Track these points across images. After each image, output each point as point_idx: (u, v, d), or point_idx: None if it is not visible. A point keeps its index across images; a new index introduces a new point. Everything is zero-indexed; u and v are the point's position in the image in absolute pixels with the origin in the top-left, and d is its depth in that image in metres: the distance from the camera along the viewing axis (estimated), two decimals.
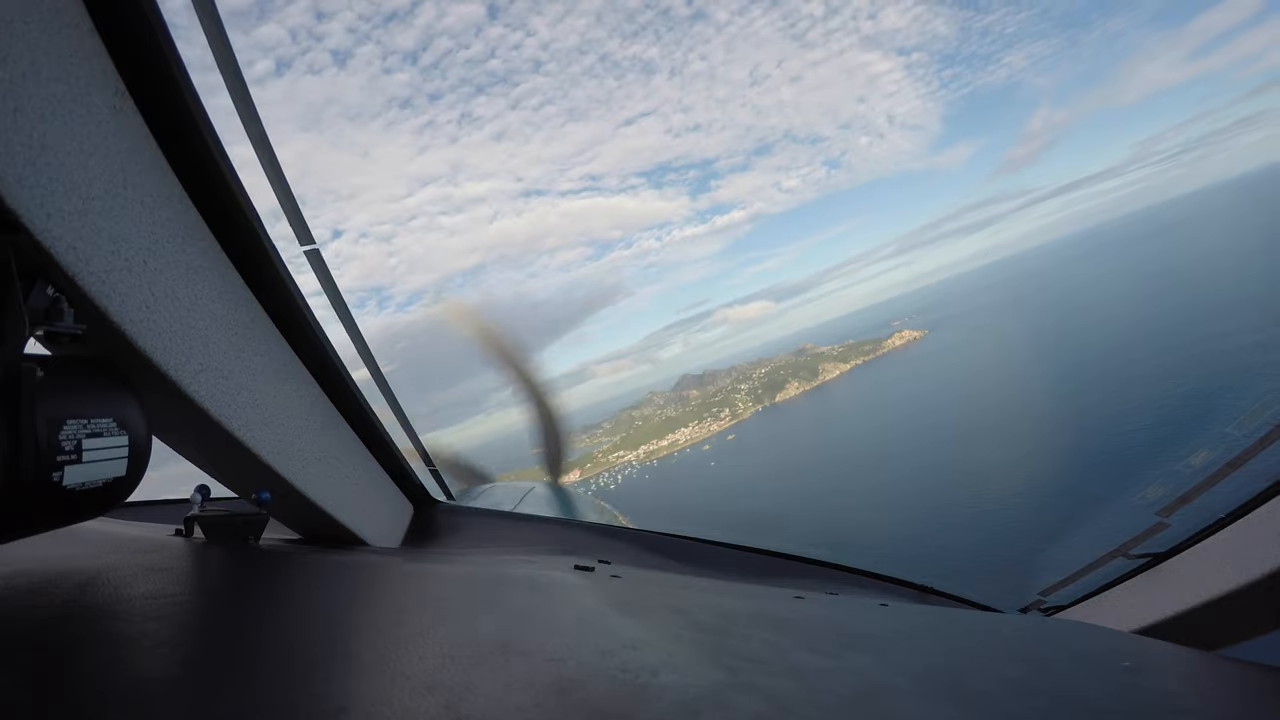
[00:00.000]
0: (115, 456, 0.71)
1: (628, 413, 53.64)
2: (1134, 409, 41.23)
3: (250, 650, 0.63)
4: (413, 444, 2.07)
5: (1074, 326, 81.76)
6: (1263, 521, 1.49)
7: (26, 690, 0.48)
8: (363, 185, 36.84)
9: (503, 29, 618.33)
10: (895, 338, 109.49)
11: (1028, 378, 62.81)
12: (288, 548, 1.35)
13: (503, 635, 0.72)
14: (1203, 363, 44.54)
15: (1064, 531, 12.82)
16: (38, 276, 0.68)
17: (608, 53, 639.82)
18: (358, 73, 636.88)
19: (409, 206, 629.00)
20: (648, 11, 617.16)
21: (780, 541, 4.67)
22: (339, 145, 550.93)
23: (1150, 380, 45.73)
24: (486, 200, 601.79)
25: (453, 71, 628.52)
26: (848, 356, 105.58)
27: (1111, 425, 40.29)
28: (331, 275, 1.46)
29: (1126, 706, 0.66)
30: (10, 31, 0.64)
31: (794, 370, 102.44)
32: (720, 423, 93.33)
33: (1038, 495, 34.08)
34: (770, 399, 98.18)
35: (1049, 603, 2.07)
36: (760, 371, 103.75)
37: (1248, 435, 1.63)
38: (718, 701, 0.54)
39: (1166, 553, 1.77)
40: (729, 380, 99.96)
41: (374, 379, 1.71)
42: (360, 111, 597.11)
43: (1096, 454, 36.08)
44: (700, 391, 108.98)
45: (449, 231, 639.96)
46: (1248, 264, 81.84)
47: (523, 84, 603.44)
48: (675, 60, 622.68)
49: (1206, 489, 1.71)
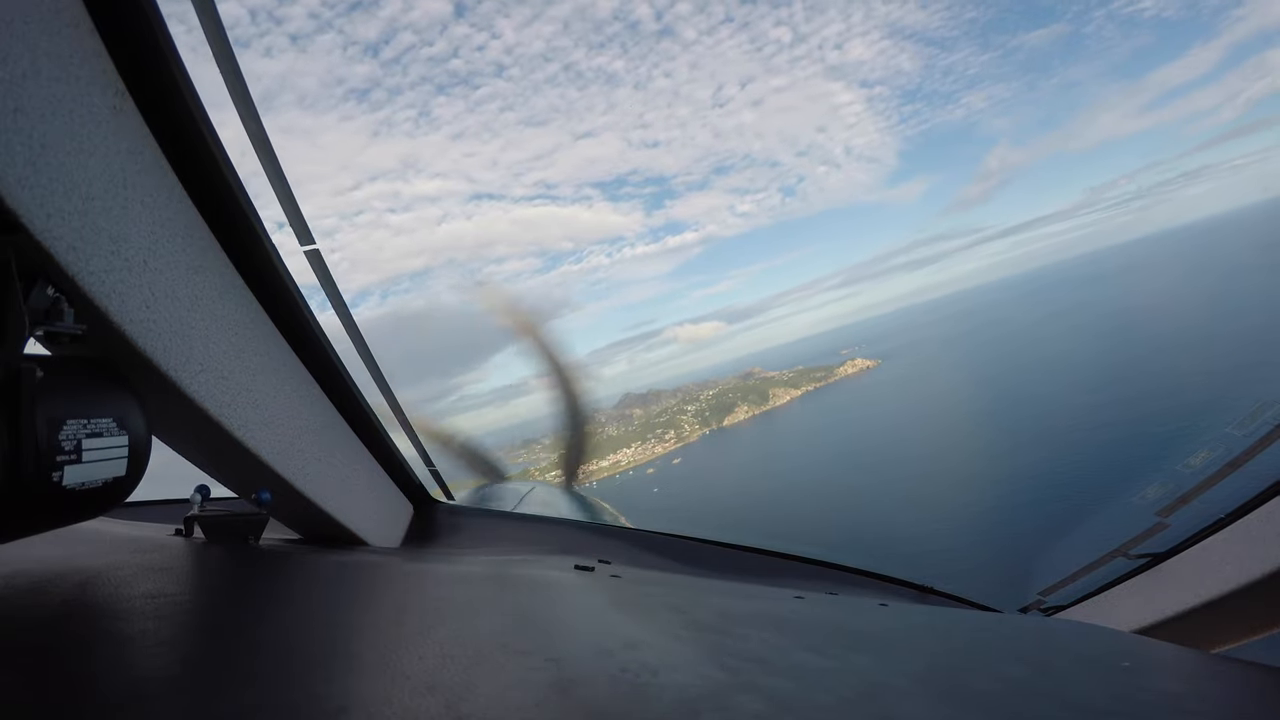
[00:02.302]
0: (115, 456, 0.71)
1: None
2: (1084, 442, 41.37)
3: (250, 650, 0.63)
4: (413, 444, 2.07)
5: (1026, 361, 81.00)
6: (1263, 521, 1.49)
7: (27, 690, 0.48)
8: (307, 174, 35.37)
9: (468, 29, 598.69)
10: (848, 365, 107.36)
11: (988, 410, 61.96)
12: (288, 548, 1.35)
13: (503, 635, 0.72)
14: (1153, 397, 44.83)
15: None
16: (38, 276, 0.68)
17: (573, 62, 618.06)
18: (317, 59, 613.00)
19: (355, 200, 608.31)
20: (616, 23, 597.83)
21: (780, 541, 4.65)
22: (285, 129, 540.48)
23: (1107, 411, 45.91)
24: (437, 200, 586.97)
25: (414, 68, 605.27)
26: (799, 382, 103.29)
27: (1065, 457, 40.33)
28: (331, 275, 1.46)
29: (1126, 706, 0.66)
30: (10, 31, 0.64)
31: (743, 394, 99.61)
32: (665, 444, 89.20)
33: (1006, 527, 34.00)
34: (718, 422, 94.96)
35: (1049, 603, 2.07)
36: (708, 393, 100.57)
37: (1248, 435, 1.63)
38: (718, 701, 0.54)
39: (1166, 553, 1.77)
40: (674, 401, 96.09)
41: (374, 379, 1.71)
42: (314, 100, 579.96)
43: (1060, 485, 36.04)
44: (644, 411, 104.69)
45: (395, 230, 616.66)
46: (1192, 308, 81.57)
47: (484, 86, 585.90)
48: (640, 75, 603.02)
49: (1206, 489, 1.71)
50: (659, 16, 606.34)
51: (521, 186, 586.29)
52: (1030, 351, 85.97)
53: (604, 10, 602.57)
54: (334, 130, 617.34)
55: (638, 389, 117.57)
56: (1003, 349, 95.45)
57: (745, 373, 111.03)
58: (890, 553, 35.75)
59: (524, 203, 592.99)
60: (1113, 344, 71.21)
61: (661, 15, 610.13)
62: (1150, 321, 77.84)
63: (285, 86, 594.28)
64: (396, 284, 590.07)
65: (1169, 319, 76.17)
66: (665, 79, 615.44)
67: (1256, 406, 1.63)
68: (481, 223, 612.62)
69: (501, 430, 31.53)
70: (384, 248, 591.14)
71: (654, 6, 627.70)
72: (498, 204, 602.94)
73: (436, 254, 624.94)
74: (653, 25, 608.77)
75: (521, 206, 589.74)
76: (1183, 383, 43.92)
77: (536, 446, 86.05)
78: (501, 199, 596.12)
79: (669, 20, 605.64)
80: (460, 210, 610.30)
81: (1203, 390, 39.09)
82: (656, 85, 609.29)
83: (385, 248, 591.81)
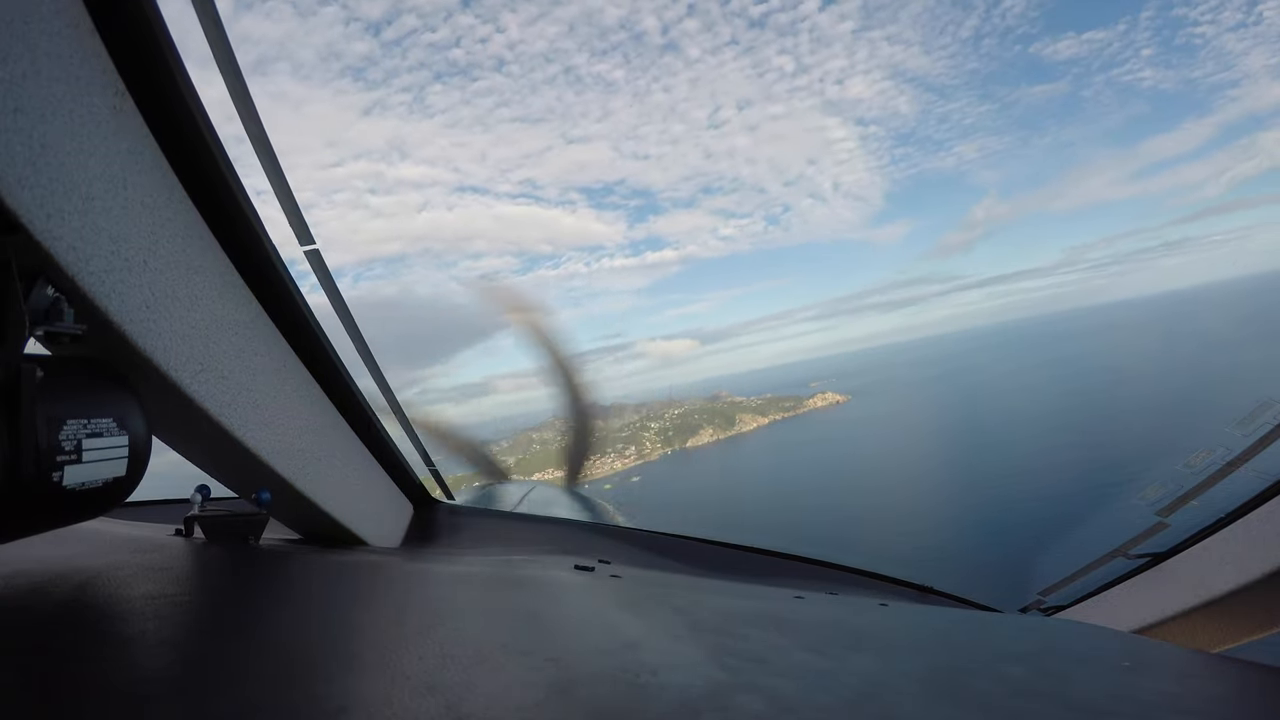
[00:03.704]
0: (115, 456, 0.71)
1: (528, 434, 49.01)
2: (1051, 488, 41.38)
3: (250, 650, 0.63)
4: (413, 444, 2.07)
5: (997, 409, 79.82)
6: (1263, 521, 1.50)
7: (27, 690, 0.48)
8: (290, 144, 34.22)
9: (473, 19, 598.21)
10: (817, 398, 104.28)
11: (958, 461, 60.78)
12: (288, 548, 1.35)
13: (503, 635, 0.72)
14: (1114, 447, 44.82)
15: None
16: (38, 276, 0.68)
17: (573, 65, 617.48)
18: (317, 30, 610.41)
19: (336, 177, 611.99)
20: (621, 32, 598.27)
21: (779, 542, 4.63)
22: (275, 95, 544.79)
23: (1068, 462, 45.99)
24: (420, 187, 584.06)
25: (414, 53, 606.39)
26: (766, 410, 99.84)
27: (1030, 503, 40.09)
28: (332, 275, 1.46)
29: (1126, 706, 0.66)
30: (10, 31, 0.64)
31: (709, 416, 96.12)
32: (625, 460, 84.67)
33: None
34: (681, 443, 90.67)
35: (1049, 603, 2.07)
36: (674, 411, 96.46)
37: (1248, 435, 1.63)
38: (718, 701, 0.54)
39: (1166, 553, 1.77)
40: (638, 416, 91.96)
41: (374, 379, 1.71)
42: (309, 72, 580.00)
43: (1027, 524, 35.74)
44: (605, 424, 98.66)
45: (374, 212, 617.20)
46: (1155, 375, 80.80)
47: (482, 80, 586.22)
48: (639, 87, 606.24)
49: (1206, 489, 1.71)
50: (665, 30, 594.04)
51: (507, 183, 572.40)
52: (999, 402, 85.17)
53: (611, 18, 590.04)
54: (324, 103, 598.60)
55: (601, 401, 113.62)
56: (974, 398, 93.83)
57: (712, 395, 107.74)
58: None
59: (507, 199, 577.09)
60: (1078, 402, 71.02)
61: (668, 30, 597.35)
62: (1115, 385, 77.38)
63: (282, 54, 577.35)
64: (370, 268, 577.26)
65: (1135, 384, 75.76)
66: (664, 94, 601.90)
67: (1257, 406, 1.63)
68: (463, 215, 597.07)
69: (436, 425, 31.32)
70: (360, 229, 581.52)
71: (661, 20, 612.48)
72: (481, 198, 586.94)
73: (414, 241, 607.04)
74: (658, 39, 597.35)
75: (504, 203, 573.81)
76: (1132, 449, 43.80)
77: (494, 449, 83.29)
78: (485, 193, 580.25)
79: (674, 35, 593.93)
80: (443, 200, 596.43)
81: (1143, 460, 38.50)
82: (654, 99, 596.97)
83: (361, 229, 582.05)
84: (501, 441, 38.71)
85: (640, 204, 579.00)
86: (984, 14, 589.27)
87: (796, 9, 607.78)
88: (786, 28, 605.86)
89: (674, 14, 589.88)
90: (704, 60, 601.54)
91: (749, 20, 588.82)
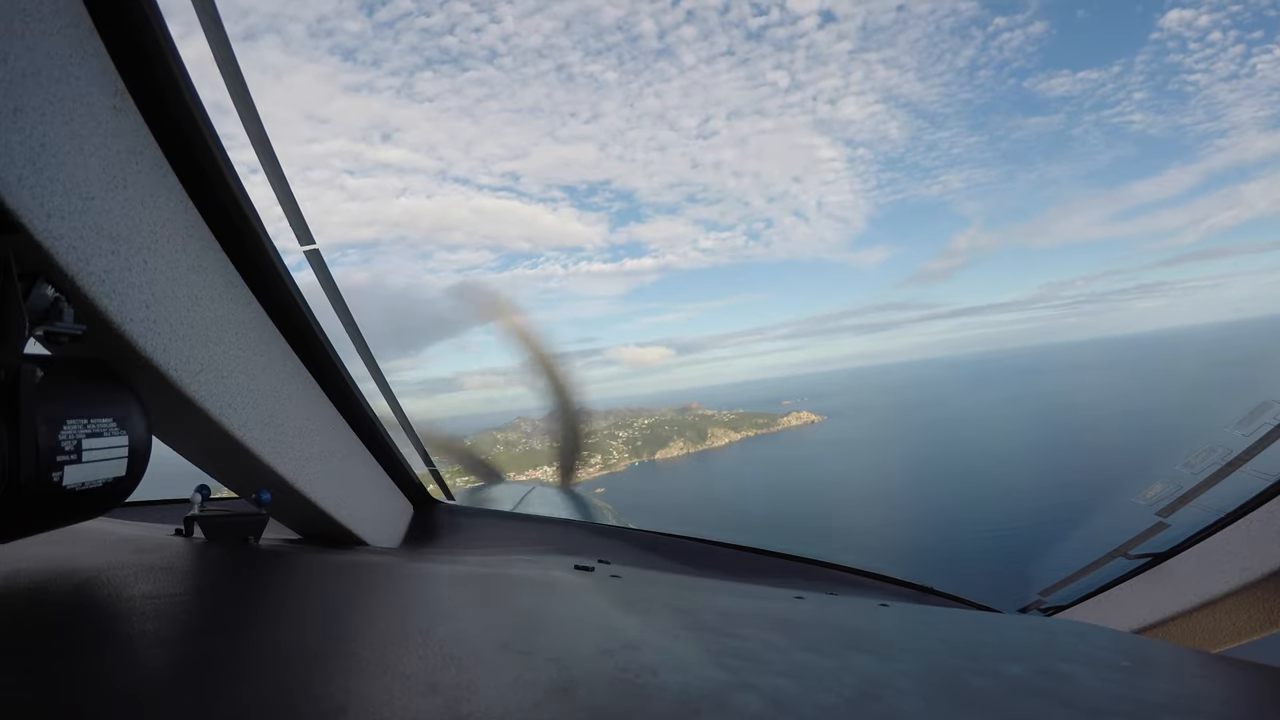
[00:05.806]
0: (115, 456, 0.71)
1: (492, 434, 47.66)
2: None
3: (250, 650, 0.63)
4: (413, 444, 2.07)
5: (970, 438, 79.11)
6: (1263, 521, 1.50)
7: (27, 690, 0.48)
8: (266, 114, 33.61)
9: (469, 7, 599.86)
10: (791, 416, 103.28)
11: (933, 491, 60.22)
12: (288, 548, 1.35)
13: (503, 635, 0.72)
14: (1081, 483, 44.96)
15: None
16: (38, 276, 0.68)
17: (567, 63, 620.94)
18: (309, 4, 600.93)
19: (313, 154, 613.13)
20: (617, 33, 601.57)
21: (779, 542, 4.61)
22: (254, 61, 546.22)
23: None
24: (400, 172, 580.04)
25: (405, 36, 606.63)
26: (739, 425, 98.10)
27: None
28: (332, 275, 1.46)
29: (1126, 706, 0.66)
30: (10, 31, 0.64)
31: (680, 428, 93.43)
32: (590, 470, 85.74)
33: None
34: (650, 454, 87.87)
35: (1049, 603, 2.07)
36: (643, 421, 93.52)
37: (1248, 435, 1.63)
38: (718, 701, 0.54)
39: (1166, 553, 1.77)
40: (606, 424, 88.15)
41: (374, 379, 1.71)
42: (298, 47, 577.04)
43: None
44: (590, 426, 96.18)
45: (350, 194, 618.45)
46: (1127, 413, 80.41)
47: (473, 70, 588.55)
48: (631, 90, 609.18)
49: (1206, 489, 1.71)
50: (661, 35, 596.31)
51: (489, 175, 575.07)
52: (971, 431, 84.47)
53: (608, 18, 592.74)
54: (305, 73, 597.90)
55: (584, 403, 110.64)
56: (947, 427, 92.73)
57: (683, 406, 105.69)
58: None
59: (488, 191, 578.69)
60: (1045, 435, 70.83)
61: (664, 35, 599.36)
62: (1080, 422, 77.08)
63: (271, 26, 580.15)
64: (344, 252, 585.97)
65: (1100, 422, 75.51)
66: (655, 99, 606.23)
67: (1256, 406, 1.63)
68: (442, 204, 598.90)
69: (420, 424, 30.60)
70: (335, 211, 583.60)
71: (659, 24, 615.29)
72: (462, 188, 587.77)
73: (389, 227, 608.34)
74: (654, 43, 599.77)
75: (485, 195, 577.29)
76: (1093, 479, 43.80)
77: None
78: (467, 184, 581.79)
79: (671, 41, 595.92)
80: (423, 187, 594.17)
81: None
82: (646, 103, 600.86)
83: (336, 211, 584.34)
84: (467, 439, 38.51)
85: (623, 207, 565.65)
86: (982, 45, 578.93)
87: (795, 25, 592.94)
88: (784, 43, 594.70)
89: (672, 19, 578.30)
90: (698, 68, 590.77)
91: (747, 31, 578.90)
